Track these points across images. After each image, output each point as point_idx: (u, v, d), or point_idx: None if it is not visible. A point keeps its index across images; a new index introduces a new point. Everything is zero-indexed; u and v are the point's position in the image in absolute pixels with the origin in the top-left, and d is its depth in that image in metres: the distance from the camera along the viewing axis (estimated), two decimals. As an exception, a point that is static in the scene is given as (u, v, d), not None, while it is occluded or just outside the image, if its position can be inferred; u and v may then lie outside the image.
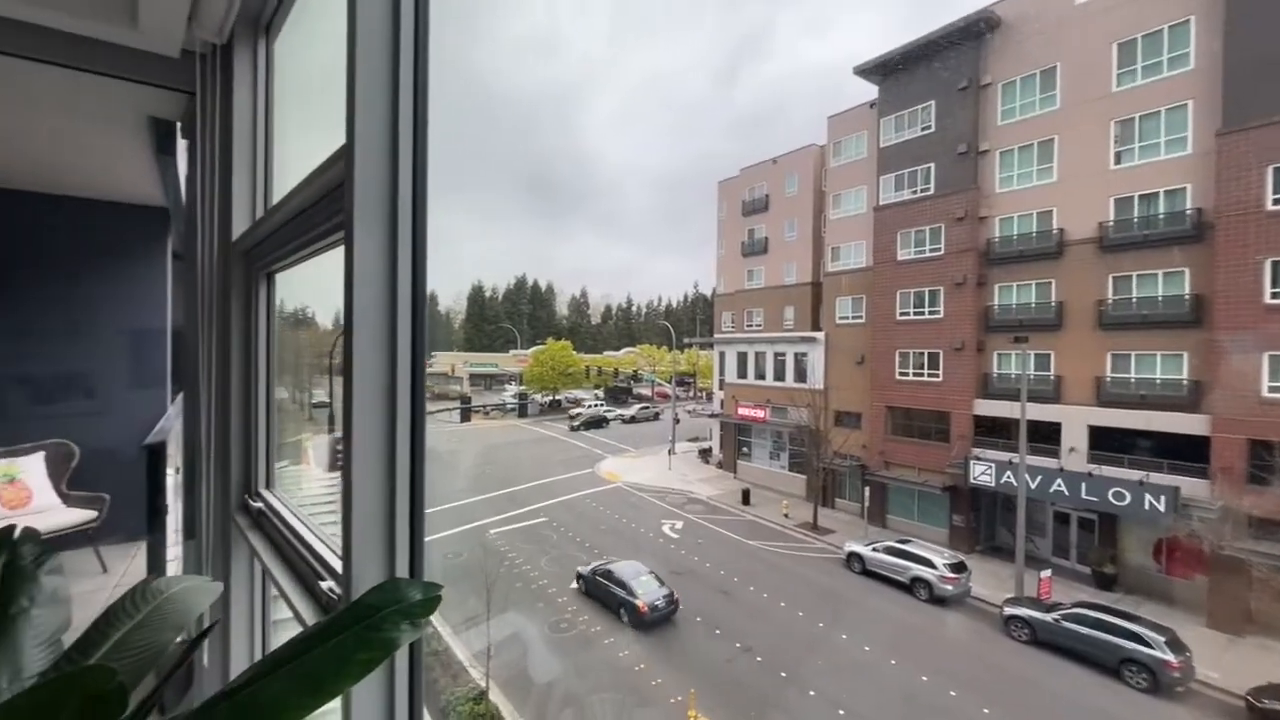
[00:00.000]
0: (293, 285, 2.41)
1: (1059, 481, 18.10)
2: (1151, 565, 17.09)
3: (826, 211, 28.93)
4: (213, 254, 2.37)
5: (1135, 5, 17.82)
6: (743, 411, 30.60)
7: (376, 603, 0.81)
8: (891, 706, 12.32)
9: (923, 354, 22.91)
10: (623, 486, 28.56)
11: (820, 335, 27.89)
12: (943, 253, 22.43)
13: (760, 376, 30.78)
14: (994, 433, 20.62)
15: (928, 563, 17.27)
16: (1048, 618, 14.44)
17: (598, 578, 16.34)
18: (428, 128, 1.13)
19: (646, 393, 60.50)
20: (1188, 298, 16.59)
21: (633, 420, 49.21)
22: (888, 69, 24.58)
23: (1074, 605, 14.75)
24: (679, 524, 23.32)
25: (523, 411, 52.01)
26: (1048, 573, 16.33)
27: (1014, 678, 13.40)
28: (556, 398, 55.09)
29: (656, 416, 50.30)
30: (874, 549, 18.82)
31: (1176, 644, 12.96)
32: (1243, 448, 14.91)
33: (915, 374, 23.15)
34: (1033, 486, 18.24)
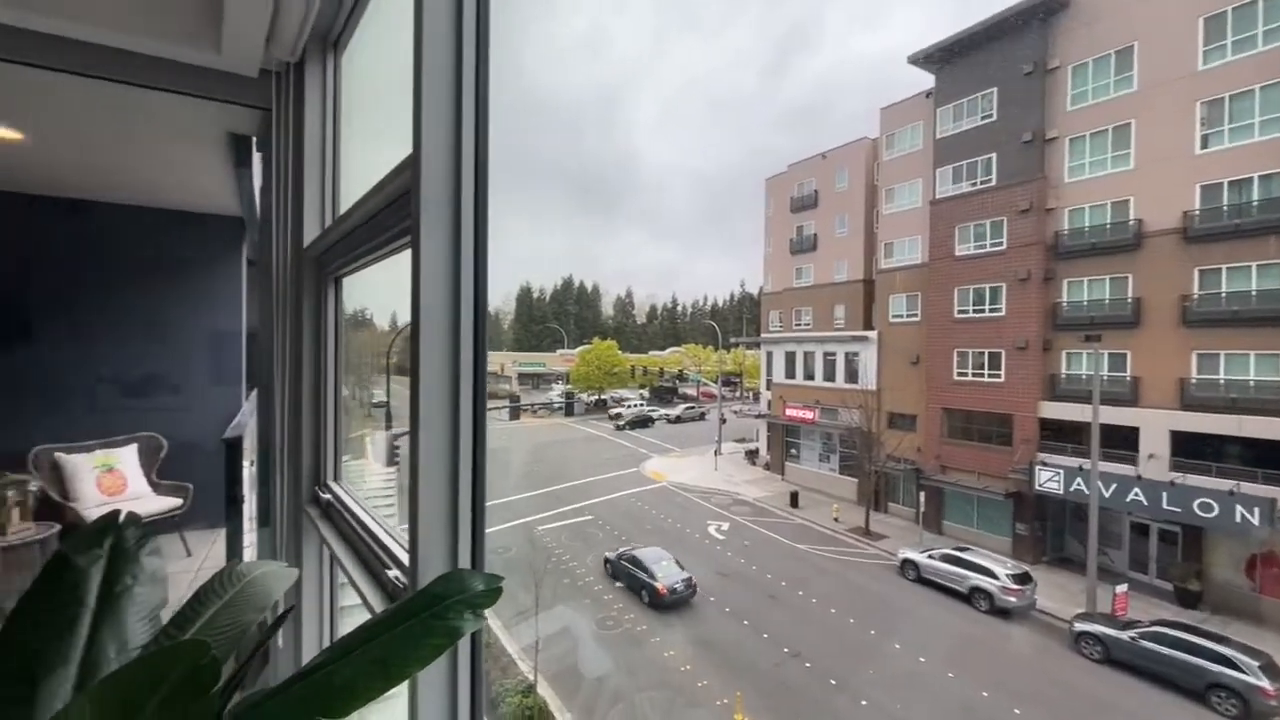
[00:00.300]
0: (352, 289, 2.53)
1: (1136, 490, 16.90)
2: (1242, 582, 15.73)
3: (879, 206, 28.03)
4: (286, 260, 2.52)
5: (1225, -24, 16.46)
6: (791, 412, 30.03)
7: (442, 592, 0.84)
8: (949, 721, 11.83)
9: (983, 354, 21.86)
10: (668, 486, 28.54)
11: (872, 334, 27.05)
12: (1005, 247, 21.33)
13: (809, 377, 30.12)
14: (1062, 437, 19.45)
15: (989, 572, 16.47)
16: (1123, 635, 13.50)
17: (623, 562, 17.38)
18: (489, 135, 1.18)
19: (692, 393, 60.22)
20: (1287, 292, 15.19)
21: (678, 420, 49.12)
22: (946, 56, 23.56)
23: (1153, 623, 13.74)
24: (725, 525, 23.11)
25: (569, 410, 52.77)
26: (1123, 587, 15.30)
27: (1085, 697, 12.59)
28: (602, 397, 55.61)
29: (702, 417, 50.05)
30: (930, 556, 18.11)
31: (1272, 669, 11.89)
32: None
33: (975, 374, 22.11)
34: (1106, 495, 17.09)
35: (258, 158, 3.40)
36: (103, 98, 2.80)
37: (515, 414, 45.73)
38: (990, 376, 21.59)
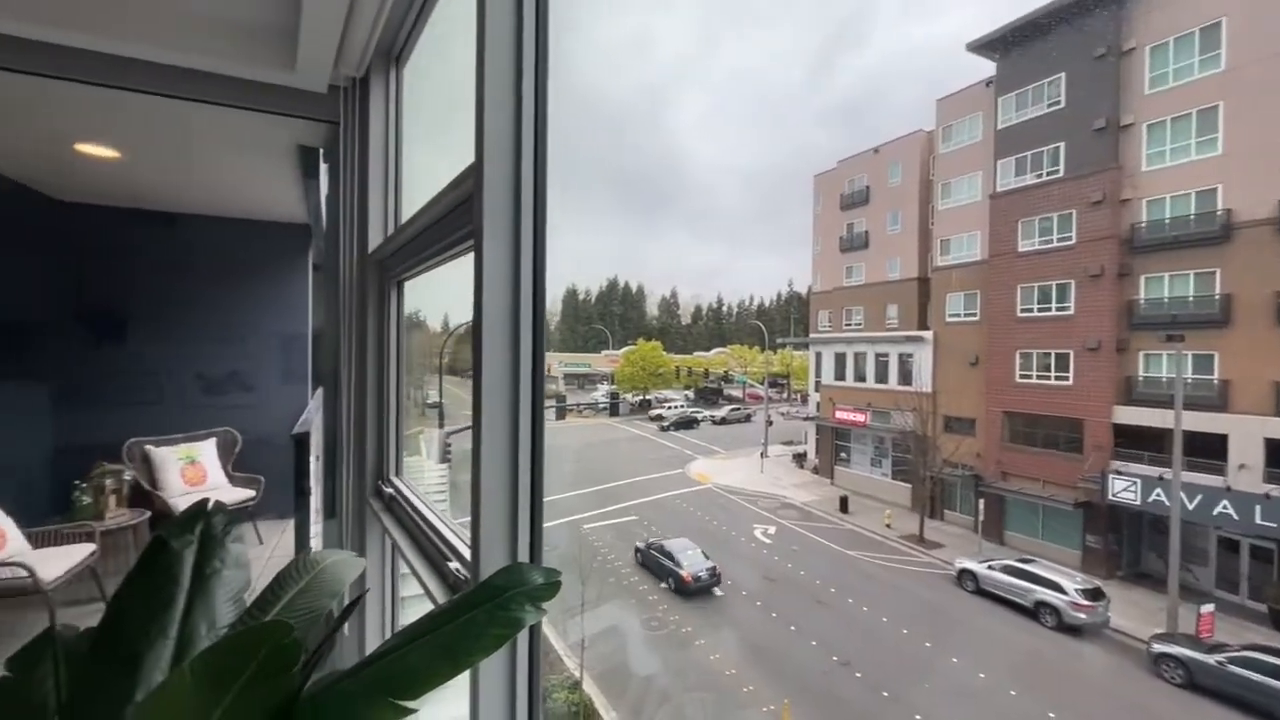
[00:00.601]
0: (410, 293, 2.64)
1: (1225, 503, 15.59)
2: (1352, 608, 14.27)
3: (934, 202, 26.93)
4: (352, 265, 2.66)
5: (1330, -60, 15.01)
6: (841, 415, 29.23)
7: (503, 584, 0.87)
8: (1011, 741, 11.25)
9: (1048, 355, 20.66)
10: (713, 488, 28.30)
11: (928, 334, 26.00)
12: (1074, 241, 20.10)
13: (860, 378, 29.24)
14: (1138, 444, 18.13)
15: (1056, 586, 15.54)
16: (1209, 659, 12.48)
17: (651, 551, 18.19)
18: (547, 143, 1.21)
19: (737, 394, 59.54)
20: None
21: (723, 421, 48.61)
22: (1008, 42, 22.41)
23: (1244, 648, 12.63)
24: (772, 529, 22.72)
25: (614, 410, 53.11)
26: (1209, 607, 14.12)
27: (1165, 724, 11.73)
28: (646, 398, 55.73)
29: (748, 418, 49.37)
30: (990, 567, 17.25)
31: (1389, 705, 10.74)
32: None
33: (1039, 377, 20.92)
34: (1190, 507, 15.83)
35: (324, 168, 3.60)
36: (189, 117, 3.03)
37: (561, 414, 46.41)
38: (1057, 379, 20.38)
